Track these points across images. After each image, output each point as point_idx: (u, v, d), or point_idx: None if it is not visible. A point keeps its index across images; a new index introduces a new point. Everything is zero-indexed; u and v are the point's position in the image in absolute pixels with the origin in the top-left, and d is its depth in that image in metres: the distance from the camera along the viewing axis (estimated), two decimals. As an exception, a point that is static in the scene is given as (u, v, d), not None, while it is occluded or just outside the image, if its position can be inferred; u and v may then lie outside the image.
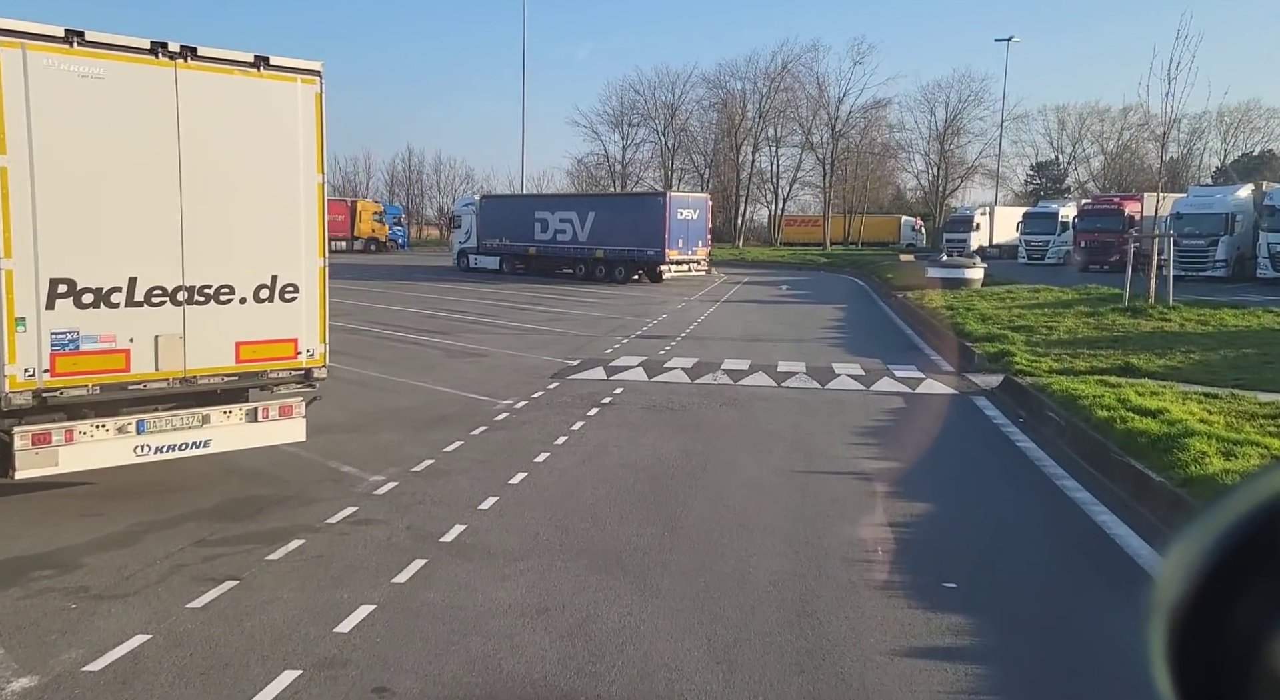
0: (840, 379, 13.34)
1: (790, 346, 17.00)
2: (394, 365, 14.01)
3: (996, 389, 12.29)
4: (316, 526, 6.43)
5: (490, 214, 40.00)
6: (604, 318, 21.94)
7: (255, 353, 6.85)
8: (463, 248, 41.22)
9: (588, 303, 26.20)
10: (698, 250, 34.94)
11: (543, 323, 20.57)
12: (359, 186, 79.19)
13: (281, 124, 6.84)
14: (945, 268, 26.95)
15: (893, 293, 28.04)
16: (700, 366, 14.24)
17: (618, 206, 35.84)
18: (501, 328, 19.48)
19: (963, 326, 16.91)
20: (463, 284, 32.95)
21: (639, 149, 70.61)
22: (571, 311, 23.43)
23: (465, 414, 10.51)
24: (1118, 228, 40.16)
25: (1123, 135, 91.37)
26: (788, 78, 65.85)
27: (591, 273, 35.94)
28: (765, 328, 20.39)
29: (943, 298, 23.32)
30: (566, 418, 10.37)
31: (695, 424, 10.23)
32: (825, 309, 25.24)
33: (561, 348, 16.36)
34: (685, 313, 23.57)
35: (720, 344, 17.22)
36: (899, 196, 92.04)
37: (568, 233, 36.79)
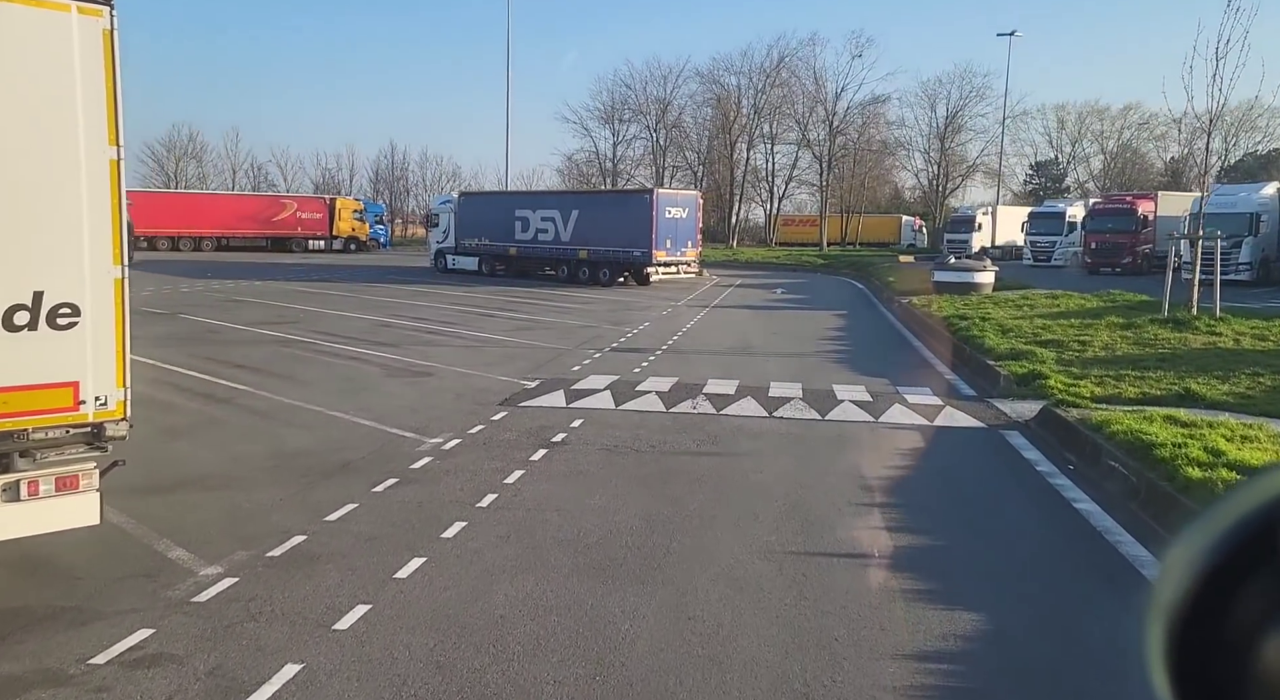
0: (843, 406, 11.24)
1: (785, 362, 14.91)
2: (316, 388, 11.88)
3: (1033, 422, 10.19)
4: (69, 674, 4.29)
5: (468, 212, 37.87)
6: (579, 326, 19.83)
7: (6, 404, 4.73)
8: (440, 248, 39.09)
9: (565, 308, 24.09)
10: (687, 251, 32.84)
11: (509, 332, 18.45)
12: (341, 184, 77.04)
13: (45, 73, 4.72)
14: (952, 272, 24.89)
15: (895, 298, 25.97)
16: (679, 389, 12.14)
17: (602, 204, 33.74)
18: (460, 339, 17.36)
19: (981, 340, 14.82)
20: (436, 287, 30.82)
21: (630, 146, 68.55)
22: (544, 319, 21.32)
23: (377, 458, 8.39)
24: (1130, 228, 38.18)
25: (1123, 134, 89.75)
26: (784, 72, 63.81)
27: (575, 275, 33.85)
28: (757, 338, 18.30)
29: (952, 305, 21.24)
30: (504, 464, 8.26)
31: (664, 473, 8.12)
32: (823, 316, 23.15)
33: (522, 364, 14.25)
34: (670, 320, 21.48)
35: (705, 359, 15.13)
36: (896, 196, 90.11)
37: (549, 232, 34.68)
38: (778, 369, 14.17)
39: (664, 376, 13.17)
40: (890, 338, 18.95)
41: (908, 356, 16.00)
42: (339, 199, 58.39)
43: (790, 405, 11.25)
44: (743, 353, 16.15)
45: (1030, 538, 6.84)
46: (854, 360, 15.25)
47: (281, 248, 54.63)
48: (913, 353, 16.54)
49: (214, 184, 72.99)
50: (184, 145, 73.08)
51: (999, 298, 22.85)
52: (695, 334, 18.80)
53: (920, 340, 18.12)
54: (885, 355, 16.14)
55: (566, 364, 14.30)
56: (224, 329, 18.15)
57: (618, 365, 14.21)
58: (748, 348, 16.83)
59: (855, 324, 21.52)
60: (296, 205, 55.87)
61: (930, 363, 15.17)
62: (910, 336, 18.95)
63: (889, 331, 20.09)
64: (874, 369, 14.28)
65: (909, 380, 13.23)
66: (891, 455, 9.00)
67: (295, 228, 55.19)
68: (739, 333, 19.29)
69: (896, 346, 17.50)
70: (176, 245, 51.49)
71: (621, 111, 66.53)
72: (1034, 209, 50.73)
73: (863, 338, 18.75)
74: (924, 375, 13.90)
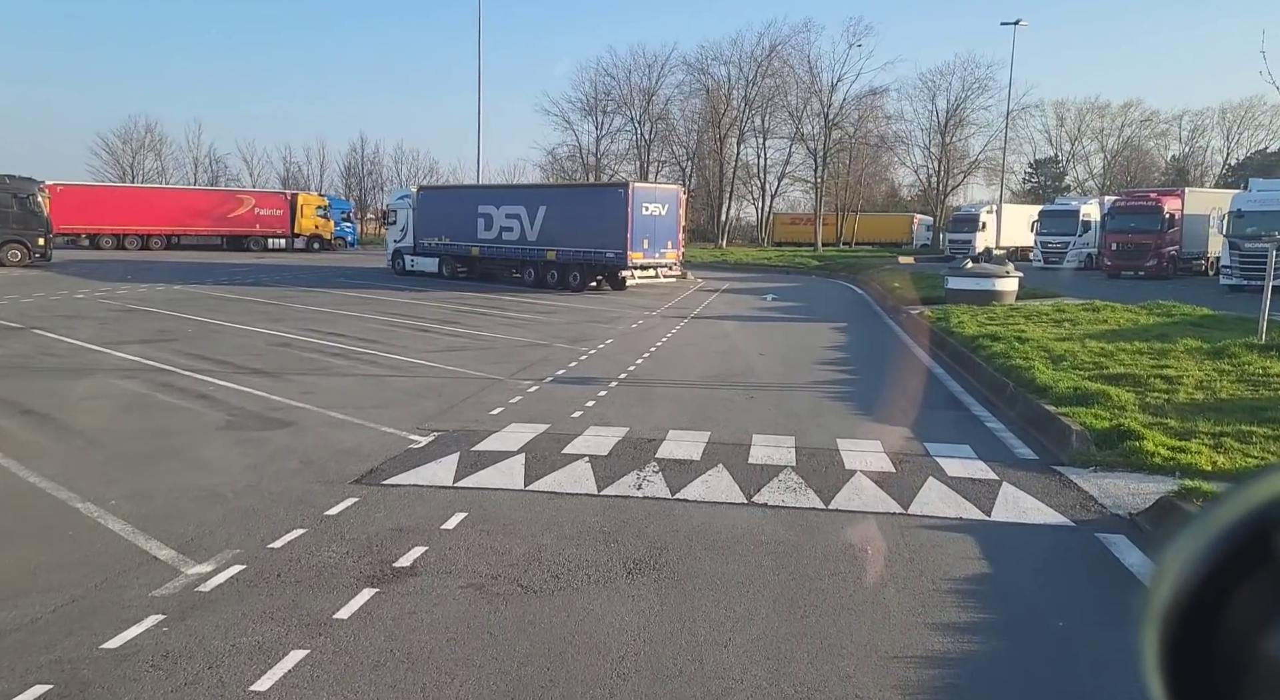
0: (855, 482, 7.79)
1: (773, 400, 11.48)
2: (97, 451, 8.38)
3: (1146, 520, 6.76)
4: None
5: (428, 208, 34.37)
6: (526, 345, 16.36)
7: None
8: (398, 247, 35.61)
9: (520, 320, 20.61)
10: (667, 252, 29.40)
11: (437, 354, 14.99)
12: (311, 178, 73.34)
13: None
14: (969, 277, 21.48)
15: (902, 307, 22.57)
16: (625, 451, 8.69)
17: (572, 200, 30.27)
18: (369, 364, 13.87)
19: (1028, 373, 11.38)
20: (383, 292, 27.31)
21: (615, 139, 65.01)
22: (489, 334, 17.85)
23: (58, 624, 4.90)
24: (1155, 228, 34.94)
25: (1123, 131, 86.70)
26: (776, 61, 60.44)
27: (542, 278, 30.42)
28: (739, 362, 14.86)
29: (973, 318, 17.83)
30: (279, 633, 4.78)
31: (553, 656, 4.65)
32: (820, 330, 19.73)
33: (428, 405, 10.79)
34: (639, 336, 18.03)
35: (671, 395, 11.69)
36: (893, 193, 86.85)
37: (514, 231, 31.21)
38: (764, 411, 10.74)
39: (610, 426, 9.72)
40: (903, 362, 15.51)
41: (931, 392, 12.54)
42: (301, 194, 54.74)
43: (779, 481, 7.80)
44: (721, 384, 12.71)
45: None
46: (862, 397, 11.81)
47: (238, 247, 51.06)
48: (935, 385, 13.09)
49: (175, 179, 69.26)
50: (141, 137, 69.23)
51: (1027, 309, 19.45)
52: (666, 356, 15.35)
53: (942, 366, 14.68)
54: (901, 389, 12.71)
55: (487, 404, 10.84)
56: (68, 350, 14.61)
57: (553, 407, 10.75)
58: (727, 376, 13.39)
59: (858, 341, 18.09)
60: (254, 201, 52.24)
61: (962, 402, 11.73)
62: (928, 360, 15.51)
63: (901, 352, 16.65)
64: (889, 411, 10.85)
65: (940, 432, 9.79)
66: (940, 592, 5.54)
67: (253, 225, 51.59)
68: (719, 353, 15.85)
69: (913, 375, 14.07)
70: (122, 244, 47.85)
71: (605, 103, 63.08)
72: (1045, 207, 47.41)
73: (869, 361, 15.31)
74: (958, 423, 10.46)
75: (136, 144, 68.80)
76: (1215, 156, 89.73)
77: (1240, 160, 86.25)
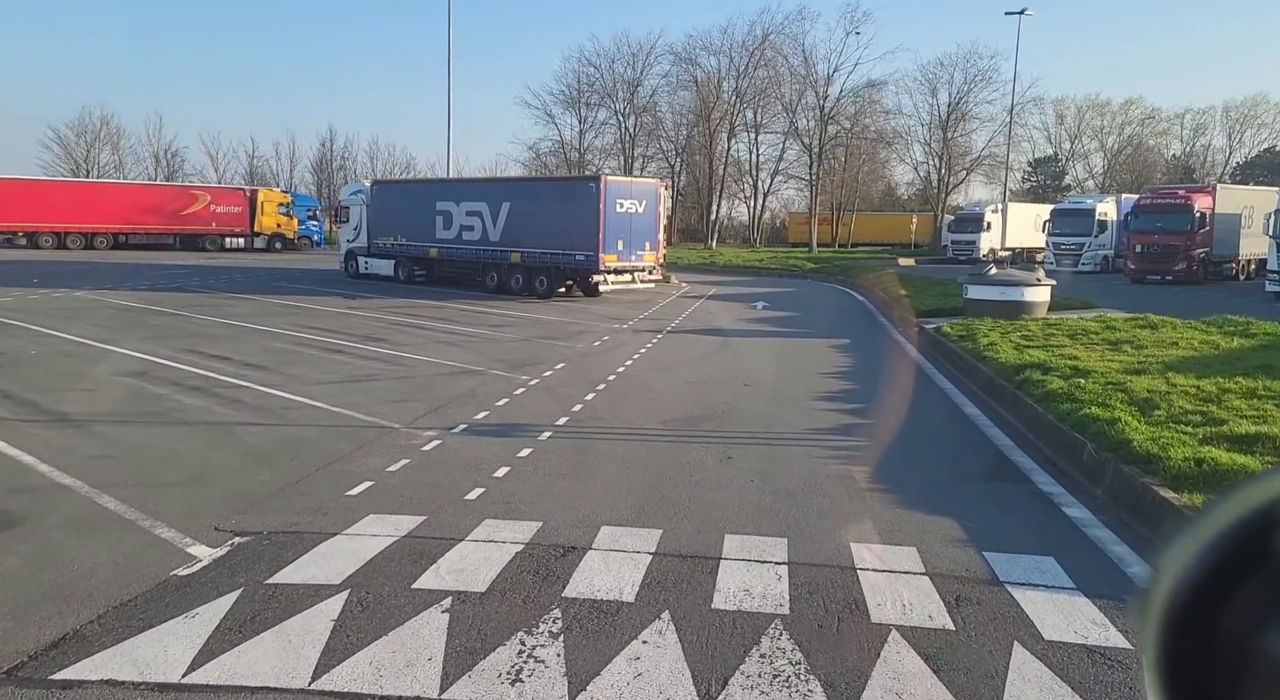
0: (891, 662, 4.54)
1: (757, 465, 8.24)
2: None
3: None
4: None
5: (383, 205, 31.06)
6: (454, 372, 13.11)
7: None
8: (351, 248, 32.29)
9: (461, 336, 17.35)
10: (644, 254, 26.13)
11: (332, 385, 11.74)
12: (281, 175, 69.88)
13: None
14: (993, 286, 18.27)
15: (913, 320, 19.37)
16: (520, 577, 5.46)
17: (538, 195, 26.96)
18: (231, 402, 10.58)
19: (1114, 430, 8.10)
20: (321, 299, 24.01)
21: (599, 133, 61.65)
22: (415, 356, 14.59)
23: None
24: (1185, 228, 31.81)
25: (1124, 130, 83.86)
26: (769, 51, 57.16)
27: (506, 283, 27.15)
28: (718, 397, 11.62)
29: (1006, 338, 14.64)
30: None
31: None
32: (817, 349, 16.51)
33: (263, 476, 7.53)
34: (599, 358, 14.80)
35: (619, 454, 8.45)
36: (890, 192, 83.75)
37: (475, 230, 27.93)
38: (744, 484, 7.51)
39: (515, 520, 6.49)
40: (924, 397, 12.28)
41: (971, 448, 9.28)
42: (262, 190, 51.25)
43: (760, 660, 4.54)
44: (690, 433, 9.47)
45: None
46: (884, 464, 8.56)
47: (193, 246, 47.68)
48: (974, 438, 9.83)
49: (134, 174, 65.74)
50: (96, 130, 65.61)
51: (1067, 325, 16.25)
52: (626, 388, 12.12)
53: (977, 404, 11.43)
54: (929, 442, 9.49)
55: (351, 476, 7.59)
56: None
57: (445, 480, 7.51)
58: (700, 420, 10.15)
59: (864, 365, 14.84)
60: (210, 197, 48.80)
61: (1018, 467, 8.46)
62: (957, 395, 12.27)
63: (919, 383, 13.40)
64: (921, 484, 7.64)
65: (1003, 527, 6.57)
66: None
67: (209, 223, 48.17)
68: (694, 384, 12.61)
69: (940, 418, 10.85)
70: (64, 243, 44.38)
71: (588, 95, 59.69)
72: (1058, 205, 44.25)
73: (881, 396, 12.08)
74: (1023, 507, 7.21)
75: (91, 136, 65.20)
76: (1217, 156, 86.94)
77: (1248, 158, 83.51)
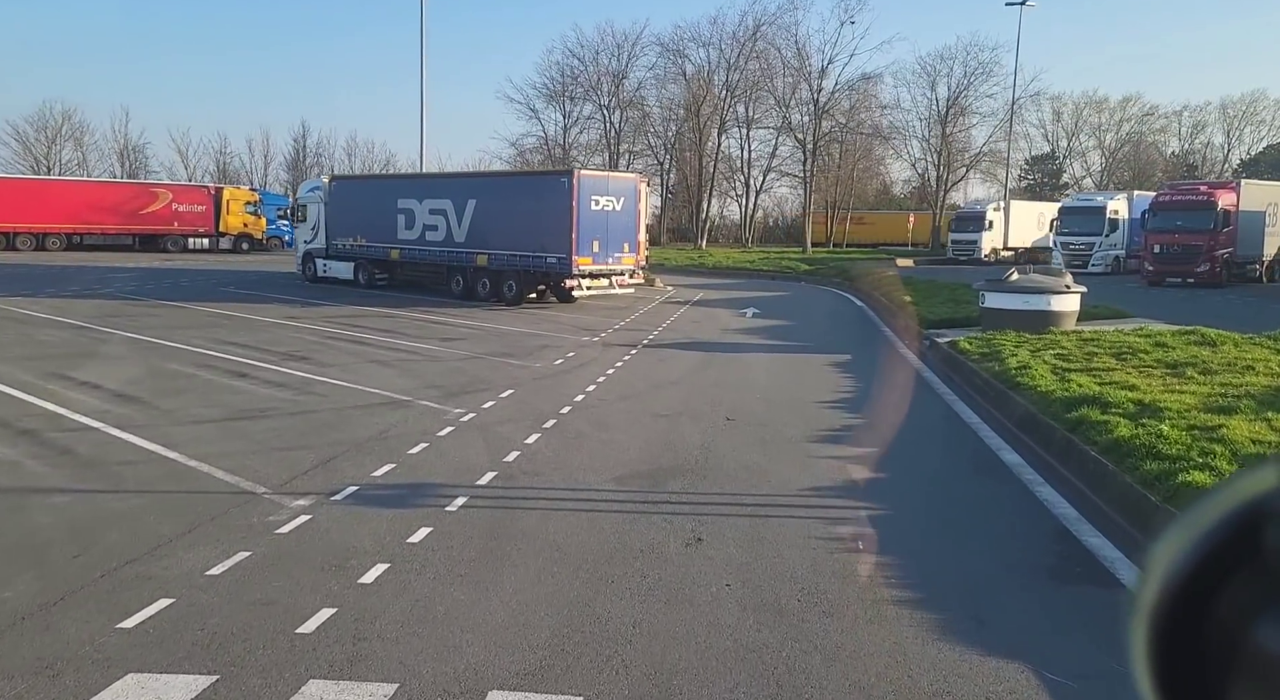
0: None
1: (736, 554, 5.86)
2: None
3: None
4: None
5: (342, 203, 28.62)
6: (372, 404, 10.72)
7: None
8: (308, 249, 29.84)
9: (402, 353, 14.95)
10: (623, 256, 23.73)
11: (205, 427, 9.35)
12: (255, 172, 67.29)
13: None
14: (1014, 294, 15.91)
15: (923, 332, 17.05)
16: None
17: (506, 192, 24.53)
18: (52, 455, 8.16)
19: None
20: (261, 307, 21.57)
21: (585, 129, 59.18)
22: (334, 380, 12.19)
23: None
24: (1207, 226, 29.59)
25: (1122, 127, 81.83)
26: (761, 42, 54.77)
27: (472, 288, 24.74)
28: (691, 437, 9.25)
29: (1038, 358, 12.31)
30: None
31: None
32: (815, 368, 14.16)
33: (14, 596, 5.14)
34: (556, 382, 12.44)
35: (548, 537, 6.06)
36: (885, 190, 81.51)
37: (440, 229, 25.52)
38: (714, 593, 5.16)
39: (353, 683, 4.12)
40: (955, 444, 9.89)
41: (1034, 533, 6.85)
42: (227, 188, 48.70)
43: None
44: (649, 498, 7.09)
45: None
46: (909, 548, 6.18)
47: (153, 247, 45.17)
48: (1035, 512, 7.41)
49: (98, 171, 63.14)
50: (57, 125, 62.87)
51: (1106, 339, 13.92)
52: (579, 426, 9.74)
53: (1022, 453, 9.03)
54: (973, 520, 7.12)
55: (150, 584, 5.21)
56: None
57: (285, 593, 5.13)
58: (665, 476, 7.78)
59: (872, 392, 12.45)
60: (171, 195, 46.24)
61: (1106, 565, 6.03)
62: (989, 433, 9.88)
63: (945, 422, 10.96)
64: (973, 599, 5.29)
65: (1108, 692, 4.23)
66: None
67: (170, 223, 45.65)
68: (663, 418, 10.23)
69: (984, 479, 8.47)
70: (13, 244, 41.84)
71: (572, 88, 57.24)
72: (1066, 203, 42.03)
73: (896, 436, 9.71)
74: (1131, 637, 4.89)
75: (52, 132, 62.49)
76: (1215, 153, 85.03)
77: (1252, 155, 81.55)
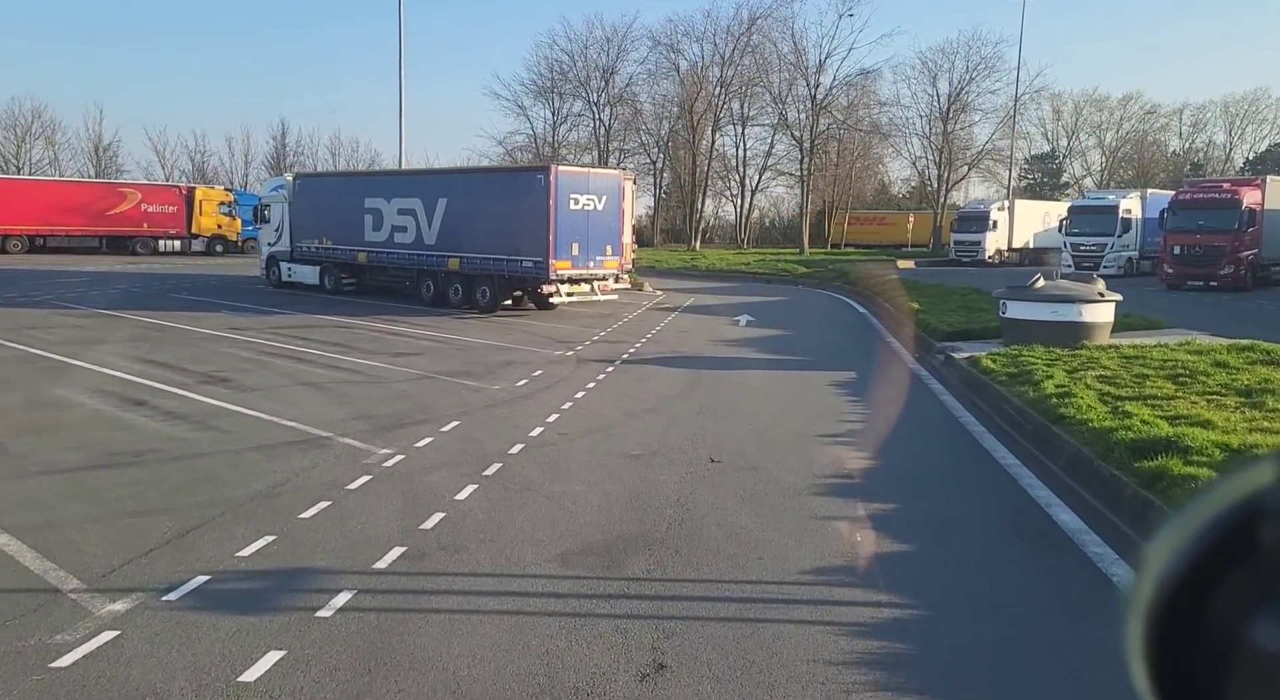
0: None
1: (716, 667, 4.03)
2: None
3: None
4: None
5: (307, 202, 26.72)
6: (287, 442, 8.84)
7: None
8: (273, 252, 27.94)
9: (343, 372, 13.07)
10: (605, 259, 21.85)
11: (73, 473, 7.48)
12: (234, 172, 65.33)
13: None
14: (1039, 303, 14.06)
15: (936, 345, 15.22)
16: None
17: (478, 190, 22.62)
18: None
19: None
20: (206, 316, 19.69)
21: (575, 127, 57.29)
22: (249, 411, 10.31)
23: None
24: (1231, 226, 27.78)
25: (1123, 126, 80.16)
26: (756, 36, 52.95)
27: (444, 294, 22.87)
28: (664, 491, 7.38)
29: (1079, 382, 10.47)
30: None
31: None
32: (817, 390, 12.30)
33: None
34: (510, 411, 10.56)
35: (449, 661, 4.18)
36: (884, 189, 79.77)
37: (409, 231, 23.64)
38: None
39: None
40: (993, 496, 8.04)
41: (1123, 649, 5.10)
42: (200, 188, 46.74)
43: None
44: (599, 592, 5.24)
45: None
46: (960, 679, 4.35)
47: (122, 249, 43.22)
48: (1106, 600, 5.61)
49: (70, 170, 61.15)
50: (27, 123, 60.77)
51: (1152, 356, 12.08)
52: (527, 474, 7.87)
53: (1081, 512, 7.15)
54: (1032, 624, 5.28)
55: None
56: None
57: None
58: (627, 552, 5.91)
59: (884, 422, 10.57)
60: (141, 195, 44.28)
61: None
62: (1036, 487, 7.99)
63: (976, 465, 9.11)
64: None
65: None
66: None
67: (140, 224, 43.71)
68: (633, 462, 8.35)
69: (1040, 554, 6.64)
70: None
71: (561, 84, 55.34)
72: (1076, 202, 40.23)
73: (924, 490, 7.86)
74: None
75: (22, 130, 60.44)
76: (1217, 152, 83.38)
77: (1257, 153, 79.92)
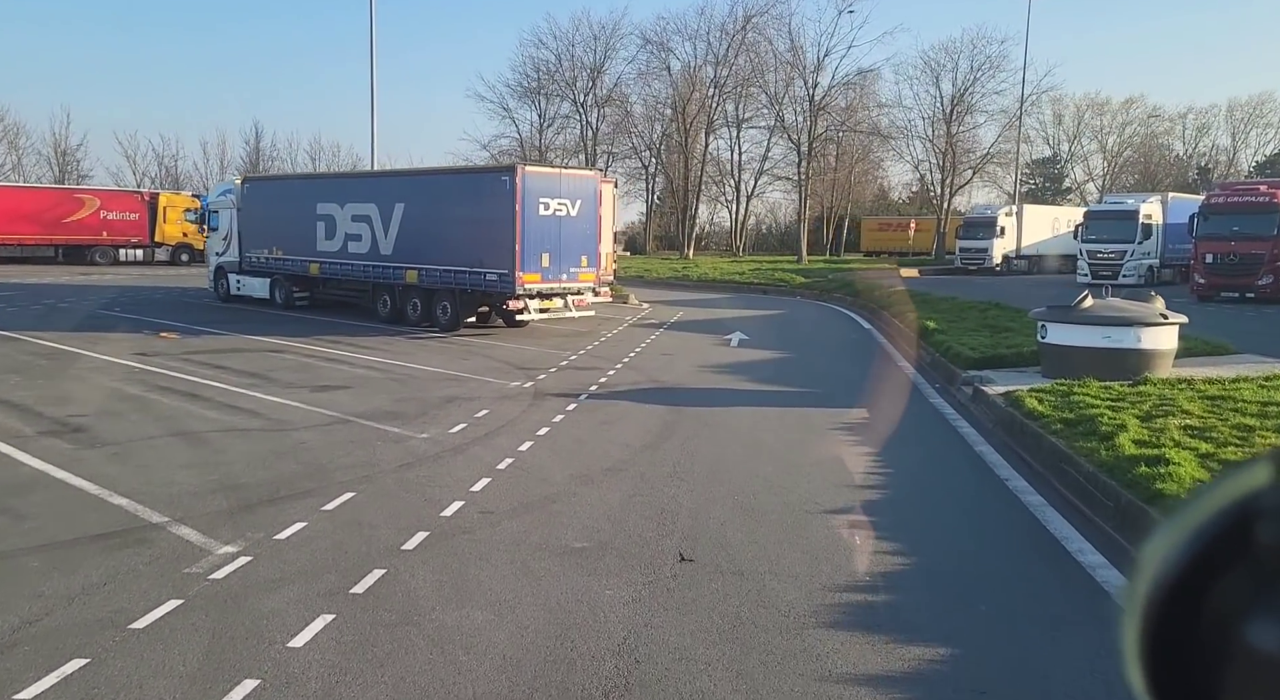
0: None
1: None
2: None
3: None
4: None
5: (256, 208, 24.28)
6: (93, 536, 6.37)
7: None
8: (220, 263, 25.50)
9: (242, 414, 10.61)
10: (580, 271, 19.42)
11: None
12: (209, 177, 62.84)
13: None
14: (1089, 326, 11.60)
15: (959, 374, 12.80)
16: None
17: (438, 193, 20.17)
18: None
19: None
20: (120, 337, 17.25)
21: (563, 129, 54.93)
22: (74, 480, 7.83)
23: None
24: (1270, 232, 25.43)
25: (1125, 130, 78.13)
26: (752, 34, 50.67)
27: (402, 310, 20.46)
28: (604, 621, 4.95)
29: (1160, 433, 8.04)
30: None
31: None
32: (818, 437, 9.84)
33: None
34: (432, 473, 8.11)
35: None
36: (883, 195, 77.55)
37: (363, 240, 21.21)
38: None
39: None
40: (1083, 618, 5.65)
41: None
42: (164, 194, 44.29)
43: None
44: None
45: None
46: None
47: (79, 258, 40.77)
48: None
49: (34, 175, 58.64)
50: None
51: (1240, 394, 9.66)
52: (421, 584, 5.41)
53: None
54: None
55: None
56: None
57: None
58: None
59: (907, 486, 8.16)
60: (100, 202, 41.81)
61: None
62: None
63: (1051, 568, 6.69)
64: None
65: None
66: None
67: (98, 232, 41.26)
68: (576, 557, 5.86)
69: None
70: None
71: (547, 85, 52.98)
72: (1093, 207, 37.94)
73: (1002, 634, 5.45)
74: None
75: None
76: (1221, 156, 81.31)
77: (1266, 156, 77.82)
